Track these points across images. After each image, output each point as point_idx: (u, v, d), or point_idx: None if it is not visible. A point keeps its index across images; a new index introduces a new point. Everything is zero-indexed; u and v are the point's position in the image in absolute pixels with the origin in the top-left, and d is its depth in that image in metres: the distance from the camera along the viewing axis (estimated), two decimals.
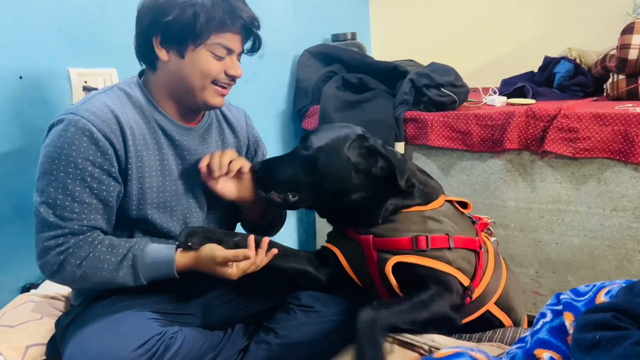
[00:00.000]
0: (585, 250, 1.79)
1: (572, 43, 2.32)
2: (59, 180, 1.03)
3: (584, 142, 1.70)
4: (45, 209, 1.04)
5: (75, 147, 1.03)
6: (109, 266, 1.06)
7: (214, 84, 1.15)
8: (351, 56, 2.36)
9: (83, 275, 1.05)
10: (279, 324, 1.23)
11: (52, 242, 1.04)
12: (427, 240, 1.12)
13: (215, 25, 1.09)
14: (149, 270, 1.09)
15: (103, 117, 1.06)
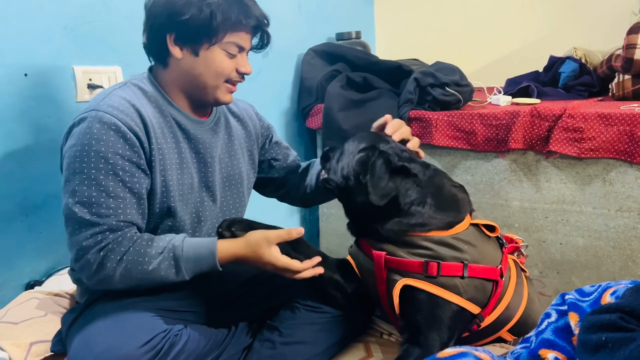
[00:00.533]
0: (590, 251, 1.78)
1: (578, 43, 2.31)
2: (91, 177, 1.02)
3: (589, 142, 1.69)
4: (80, 209, 1.02)
5: (103, 142, 1.03)
6: (150, 260, 1.05)
7: (226, 82, 1.17)
8: (355, 55, 2.35)
9: (124, 273, 1.03)
10: (283, 322, 1.23)
11: (91, 241, 1.02)
12: (438, 267, 1.09)
13: (231, 24, 1.11)
14: (192, 263, 1.08)
15: (126, 112, 1.06)
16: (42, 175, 1.38)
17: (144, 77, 1.19)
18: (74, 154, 1.03)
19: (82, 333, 1.06)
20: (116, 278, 1.04)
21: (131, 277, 1.05)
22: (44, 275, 1.42)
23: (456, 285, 1.10)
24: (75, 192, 1.02)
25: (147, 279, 1.06)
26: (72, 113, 1.42)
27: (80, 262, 1.03)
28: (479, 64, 2.82)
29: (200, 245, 1.10)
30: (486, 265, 1.14)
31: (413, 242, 1.14)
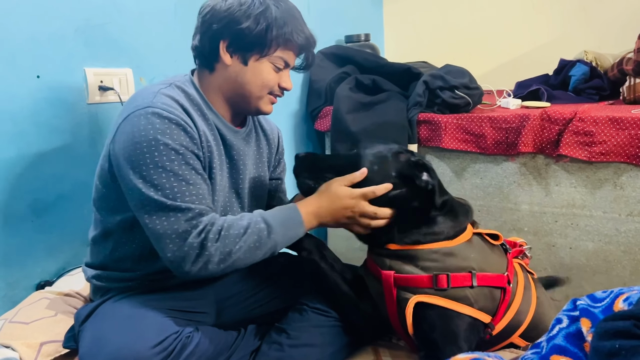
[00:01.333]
0: (600, 256, 1.77)
1: (588, 46, 2.30)
2: (167, 169, 1.03)
3: (600, 146, 1.68)
4: (167, 200, 1.03)
5: (168, 135, 1.04)
6: (244, 231, 1.07)
7: (269, 94, 1.21)
8: (365, 57, 2.35)
9: (222, 250, 1.04)
10: (290, 324, 1.24)
11: (187, 225, 1.03)
12: (447, 279, 1.09)
13: (284, 40, 1.16)
14: (280, 224, 1.12)
15: (178, 110, 1.09)
16: (53, 176, 1.39)
17: (186, 80, 1.20)
18: (141, 149, 1.03)
19: (94, 331, 1.07)
20: (216, 258, 1.04)
21: (229, 253, 1.05)
22: (54, 275, 1.43)
23: (467, 296, 1.10)
24: (157, 186, 1.02)
25: (243, 250, 1.06)
26: (83, 115, 1.44)
27: (180, 249, 1.03)
28: (488, 66, 2.81)
29: (283, 207, 1.17)
30: (493, 273, 1.14)
31: (419, 255, 1.13)
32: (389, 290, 1.14)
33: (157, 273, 1.17)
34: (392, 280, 1.13)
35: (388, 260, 1.16)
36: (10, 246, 1.31)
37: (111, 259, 1.19)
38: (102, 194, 1.16)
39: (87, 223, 1.47)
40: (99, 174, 1.17)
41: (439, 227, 1.16)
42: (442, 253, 1.13)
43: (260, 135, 1.35)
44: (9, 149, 1.28)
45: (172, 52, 1.71)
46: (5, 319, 1.23)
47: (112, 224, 1.16)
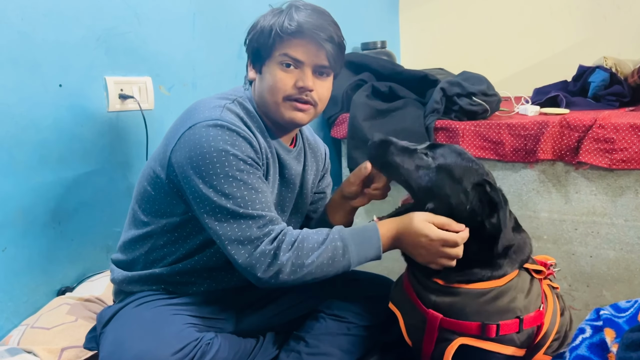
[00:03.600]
0: (621, 264, 1.74)
1: (608, 52, 2.27)
2: (237, 178, 1.04)
3: (621, 153, 1.65)
4: (238, 208, 1.04)
5: (237, 147, 1.06)
6: (319, 246, 1.06)
7: (287, 100, 1.15)
8: (381, 64, 2.35)
9: (295, 261, 1.04)
10: (309, 332, 1.24)
11: (259, 232, 1.04)
12: (497, 329, 1.05)
13: (276, 35, 1.12)
14: (357, 243, 1.09)
15: (242, 126, 1.10)
16: (74, 184, 1.41)
17: (247, 97, 1.20)
18: (211, 159, 1.04)
19: (116, 335, 1.08)
20: (287, 269, 1.03)
21: (301, 266, 1.04)
22: (75, 281, 1.44)
23: (512, 339, 1.07)
24: (228, 195, 1.04)
25: (315, 265, 1.05)
26: (104, 123, 1.46)
27: (252, 256, 1.03)
28: (506, 73, 2.80)
29: (363, 227, 1.13)
30: (535, 311, 1.10)
31: (468, 295, 1.09)
32: (431, 330, 1.10)
33: (185, 277, 1.17)
34: (438, 323, 1.09)
35: (433, 296, 1.11)
36: (32, 252, 1.33)
37: (146, 258, 1.19)
38: (150, 197, 1.16)
39: (107, 229, 1.49)
40: (149, 178, 1.16)
41: (499, 272, 1.10)
42: (491, 295, 1.08)
43: (308, 154, 1.35)
44: (32, 156, 1.31)
45: (191, 60, 1.73)
46: (27, 325, 1.25)
47: (156, 227, 1.17)
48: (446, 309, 1.09)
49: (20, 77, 1.27)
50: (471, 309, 1.07)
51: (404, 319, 1.18)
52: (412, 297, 1.16)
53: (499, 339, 1.06)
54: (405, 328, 1.17)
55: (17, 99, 1.27)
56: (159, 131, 1.57)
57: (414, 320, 1.15)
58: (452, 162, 1.12)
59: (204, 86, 1.77)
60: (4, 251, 1.27)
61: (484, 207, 1.09)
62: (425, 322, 1.11)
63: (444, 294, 1.10)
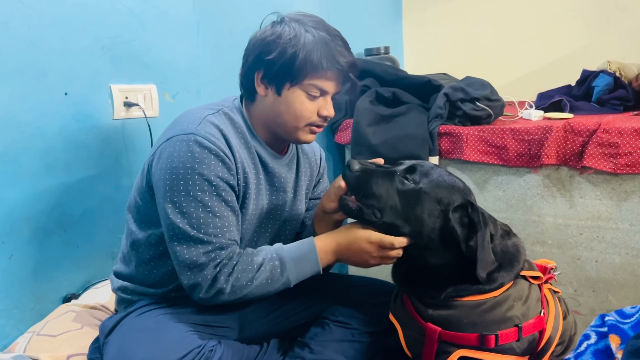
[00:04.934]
0: (627, 269, 1.73)
1: (612, 56, 2.27)
2: (197, 198, 1.06)
3: (626, 158, 1.65)
4: (191, 229, 1.06)
5: (205, 165, 1.06)
6: (258, 267, 1.10)
7: (307, 125, 1.17)
8: (384, 70, 2.35)
9: (234, 283, 1.07)
10: (313, 339, 1.24)
11: (205, 258, 1.06)
12: (495, 340, 1.05)
13: (312, 67, 1.11)
14: (295, 262, 1.12)
15: (220, 140, 1.10)
16: (80, 191, 1.42)
17: (234, 106, 1.21)
18: (177, 175, 1.05)
19: (119, 343, 1.09)
20: (227, 290, 1.07)
21: (241, 287, 1.08)
22: (80, 288, 1.45)
23: (512, 348, 1.07)
24: (184, 214, 1.06)
25: (254, 285, 1.09)
26: (109, 130, 1.47)
27: (194, 278, 1.07)
28: (509, 78, 2.80)
29: (301, 243, 1.15)
30: (534, 318, 1.09)
31: (465, 307, 1.08)
32: (430, 343, 1.10)
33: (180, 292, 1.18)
34: (437, 336, 1.09)
35: (430, 310, 1.11)
36: (38, 260, 1.34)
37: (137, 271, 1.21)
38: (138, 206, 1.19)
39: (112, 237, 1.50)
40: (137, 187, 1.19)
41: (493, 285, 1.09)
42: (488, 306, 1.08)
43: (301, 159, 1.35)
44: (37, 164, 1.32)
45: (195, 68, 1.74)
46: (33, 332, 1.25)
47: (142, 237, 1.18)
48: (444, 322, 1.09)
49: (26, 86, 1.28)
50: (468, 321, 1.07)
51: (403, 331, 1.18)
52: (410, 310, 1.16)
53: (499, 349, 1.06)
54: (405, 340, 1.17)
55: (23, 107, 1.28)
56: None
57: (413, 333, 1.15)
58: (435, 184, 1.09)
59: (209, 93, 1.78)
60: (11, 258, 1.28)
61: (464, 229, 1.08)
62: (424, 335, 1.11)
63: (441, 307, 1.10)
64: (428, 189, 1.08)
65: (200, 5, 1.73)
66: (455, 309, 1.08)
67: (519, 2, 2.81)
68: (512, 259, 1.13)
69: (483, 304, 1.07)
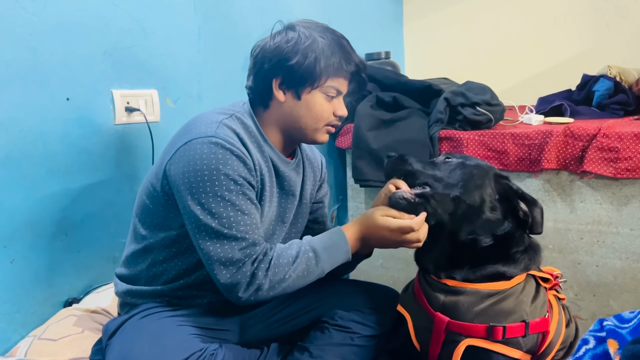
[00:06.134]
0: (628, 273, 1.73)
1: (612, 60, 2.28)
2: (225, 198, 1.06)
3: (626, 162, 1.65)
4: (224, 228, 1.06)
5: (229, 166, 1.07)
6: (293, 260, 1.11)
7: (325, 126, 1.22)
8: (385, 75, 2.36)
9: (272, 278, 1.08)
10: (313, 343, 1.24)
11: (241, 254, 1.06)
12: (503, 332, 1.07)
13: (333, 70, 1.17)
14: (327, 251, 1.15)
15: (238, 142, 1.12)
16: (81, 195, 1.42)
17: (245, 111, 1.22)
18: (202, 176, 1.06)
19: (121, 346, 1.09)
20: (266, 286, 1.07)
21: (279, 281, 1.09)
22: (81, 292, 1.46)
23: (518, 342, 1.08)
24: (214, 214, 1.06)
25: (292, 279, 1.10)
26: (111, 135, 1.48)
27: (233, 276, 1.06)
28: (510, 82, 2.80)
29: (330, 233, 1.19)
30: (540, 318, 1.11)
31: (476, 295, 1.11)
32: (438, 332, 1.12)
33: (187, 292, 1.19)
34: (445, 326, 1.11)
35: (442, 296, 1.14)
36: (39, 264, 1.35)
37: (147, 274, 1.21)
38: (149, 211, 1.18)
39: (114, 241, 1.51)
40: (147, 191, 1.18)
41: (513, 269, 1.13)
42: (499, 296, 1.10)
43: (306, 164, 1.37)
44: (39, 168, 1.32)
45: (196, 73, 1.75)
46: (34, 336, 1.26)
47: (154, 240, 1.18)
48: (453, 308, 1.11)
49: (29, 91, 1.29)
50: (478, 309, 1.09)
51: (412, 321, 1.20)
52: (421, 300, 1.19)
53: (506, 341, 1.08)
54: (414, 330, 1.19)
55: (25, 112, 1.29)
56: (165, 143, 1.58)
57: (422, 323, 1.17)
58: (473, 162, 1.19)
59: (210, 98, 1.79)
60: (12, 263, 1.29)
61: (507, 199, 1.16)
62: (432, 324, 1.13)
63: (452, 293, 1.13)
64: (468, 164, 1.18)
65: (201, 11, 1.74)
66: (466, 295, 1.11)
67: (520, 7, 2.82)
68: (535, 250, 1.18)
69: (494, 294, 1.10)
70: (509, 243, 1.14)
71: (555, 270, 1.26)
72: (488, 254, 1.13)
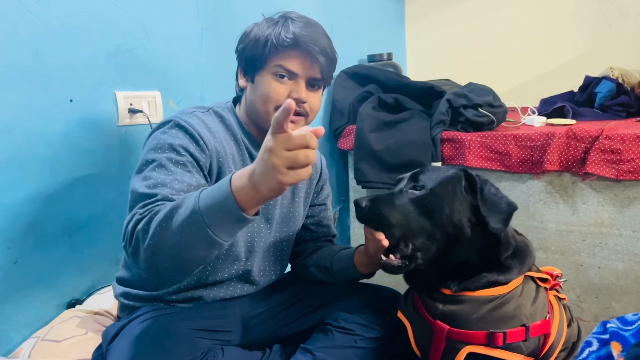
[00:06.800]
0: (630, 275, 1.73)
1: (614, 62, 2.28)
2: (161, 164, 1.05)
3: (628, 164, 1.65)
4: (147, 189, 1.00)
5: (178, 138, 1.09)
6: (172, 211, 0.88)
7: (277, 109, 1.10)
8: (387, 76, 2.37)
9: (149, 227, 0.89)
10: (316, 345, 1.24)
11: (142, 210, 0.95)
12: (504, 337, 1.06)
13: (272, 46, 1.15)
14: (211, 213, 0.84)
15: (201, 128, 1.13)
16: (84, 197, 1.42)
17: (226, 106, 1.26)
18: (150, 149, 1.09)
19: (122, 351, 1.08)
20: (141, 230, 0.90)
21: (155, 228, 0.88)
22: (84, 294, 1.46)
23: (519, 347, 1.08)
24: (146, 177, 1.04)
25: (160, 218, 0.89)
26: (114, 137, 1.48)
27: (125, 231, 0.95)
28: (512, 84, 2.80)
29: (213, 188, 0.88)
30: (541, 320, 1.11)
31: (475, 302, 1.10)
32: (438, 340, 1.11)
33: (181, 295, 1.19)
34: (445, 334, 1.10)
35: (441, 305, 1.12)
36: (43, 265, 1.35)
37: (139, 277, 1.21)
38: None
39: (116, 242, 1.51)
40: None
41: (508, 275, 1.11)
42: (497, 302, 1.09)
43: None
44: (42, 170, 1.32)
45: (199, 74, 1.75)
46: (38, 337, 1.26)
47: None
48: (453, 317, 1.10)
49: (32, 93, 1.29)
50: (477, 316, 1.08)
51: (412, 329, 1.19)
52: (420, 309, 1.18)
53: (507, 347, 1.07)
54: (414, 338, 1.19)
55: (28, 114, 1.29)
56: None
57: (422, 331, 1.16)
58: (439, 180, 1.13)
59: (212, 99, 1.79)
60: (15, 264, 1.29)
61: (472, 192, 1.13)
62: (433, 332, 1.12)
63: (451, 302, 1.12)
64: (436, 187, 1.12)
65: (203, 13, 1.75)
66: (465, 304, 1.10)
67: (522, 9, 2.82)
68: (524, 251, 1.16)
69: (493, 299, 1.09)
70: (496, 251, 1.12)
71: (555, 270, 1.25)
72: (480, 267, 1.12)
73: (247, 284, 1.28)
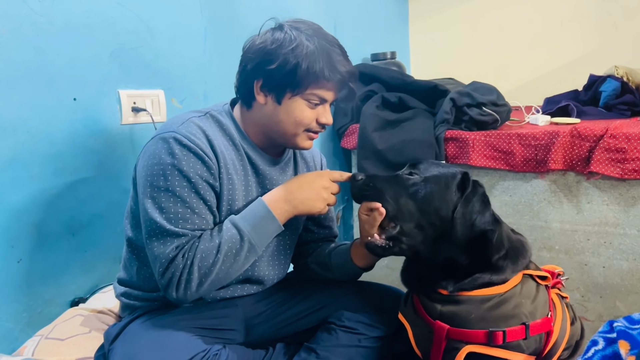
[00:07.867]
0: (635, 275, 1.72)
1: (619, 61, 2.27)
2: (176, 194, 1.06)
3: (633, 163, 1.64)
4: (167, 223, 1.06)
5: (185, 162, 1.07)
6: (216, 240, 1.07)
7: (306, 131, 1.18)
8: (391, 75, 2.36)
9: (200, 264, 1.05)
10: (319, 344, 1.24)
11: (177, 251, 1.06)
12: (504, 336, 1.05)
13: (315, 77, 1.11)
14: (249, 221, 1.11)
15: (202, 140, 1.11)
16: (88, 196, 1.43)
17: (224, 110, 1.22)
18: (157, 172, 1.07)
19: (124, 350, 1.09)
20: (195, 275, 1.05)
21: (209, 267, 1.06)
22: (88, 292, 1.46)
23: (519, 345, 1.07)
24: (162, 209, 1.06)
25: (221, 261, 1.06)
26: (117, 135, 1.48)
27: (167, 272, 1.06)
28: (516, 83, 2.80)
29: (251, 204, 1.15)
30: (541, 318, 1.10)
31: (473, 302, 1.09)
32: (439, 340, 1.11)
33: None
34: (445, 333, 1.10)
35: (439, 305, 1.12)
36: (46, 264, 1.35)
37: (137, 277, 1.21)
38: (131, 210, 1.20)
39: (120, 241, 1.50)
40: (131, 193, 1.21)
41: (501, 275, 1.10)
42: (496, 301, 1.09)
43: (300, 164, 1.35)
44: (46, 169, 1.33)
45: (202, 73, 1.75)
46: (42, 335, 1.26)
47: (138, 241, 1.19)
48: (452, 317, 1.10)
49: (36, 92, 1.29)
50: (477, 315, 1.08)
51: (412, 330, 1.19)
52: (419, 309, 1.17)
53: (507, 346, 1.07)
54: (414, 339, 1.18)
55: (32, 113, 1.29)
56: None
57: (422, 331, 1.16)
58: (436, 172, 1.15)
59: (215, 98, 1.79)
60: (19, 262, 1.29)
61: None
62: (432, 333, 1.12)
63: (449, 302, 1.11)
64: (431, 176, 1.14)
65: (207, 12, 1.75)
66: (463, 304, 1.10)
67: (526, 7, 2.82)
68: (518, 250, 1.15)
69: (491, 299, 1.09)
70: (486, 252, 1.10)
71: (557, 268, 1.25)
72: (471, 268, 1.11)
73: (248, 284, 1.28)
